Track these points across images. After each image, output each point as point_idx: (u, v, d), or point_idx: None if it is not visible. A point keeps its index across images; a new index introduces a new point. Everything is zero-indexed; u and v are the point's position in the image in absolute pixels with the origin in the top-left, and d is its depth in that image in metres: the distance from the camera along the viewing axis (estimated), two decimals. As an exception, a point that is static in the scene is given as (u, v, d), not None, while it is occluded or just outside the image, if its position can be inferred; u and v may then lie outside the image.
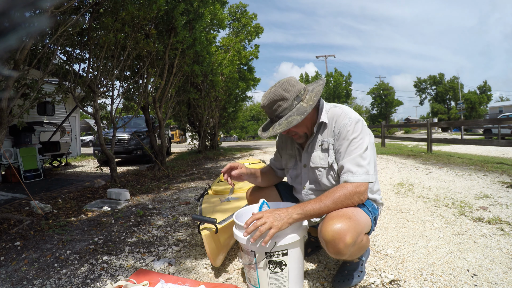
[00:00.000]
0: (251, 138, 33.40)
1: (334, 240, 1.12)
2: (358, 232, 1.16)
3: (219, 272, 1.65)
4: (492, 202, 2.76)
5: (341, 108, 1.38)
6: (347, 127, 1.29)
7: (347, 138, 1.28)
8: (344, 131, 1.29)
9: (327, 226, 1.15)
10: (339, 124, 1.32)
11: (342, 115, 1.33)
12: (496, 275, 1.47)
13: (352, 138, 1.27)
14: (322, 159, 1.37)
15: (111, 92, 5.02)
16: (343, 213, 1.18)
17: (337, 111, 1.37)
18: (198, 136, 11.05)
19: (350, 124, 1.29)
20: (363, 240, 1.23)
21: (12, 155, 5.45)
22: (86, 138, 20.94)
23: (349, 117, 1.32)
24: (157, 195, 3.86)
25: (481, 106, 37.32)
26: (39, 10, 2.58)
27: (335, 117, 1.35)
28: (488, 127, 14.93)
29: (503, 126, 13.23)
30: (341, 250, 1.13)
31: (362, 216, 1.23)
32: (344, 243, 1.11)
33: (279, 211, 1.18)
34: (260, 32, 12.58)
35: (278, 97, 1.29)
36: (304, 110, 1.28)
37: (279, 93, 1.29)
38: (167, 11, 5.06)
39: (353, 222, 1.15)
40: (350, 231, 1.12)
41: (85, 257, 1.93)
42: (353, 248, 1.16)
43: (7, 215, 2.79)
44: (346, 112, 1.35)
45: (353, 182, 1.22)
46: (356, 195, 1.22)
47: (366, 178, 1.23)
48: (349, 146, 1.27)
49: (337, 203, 1.20)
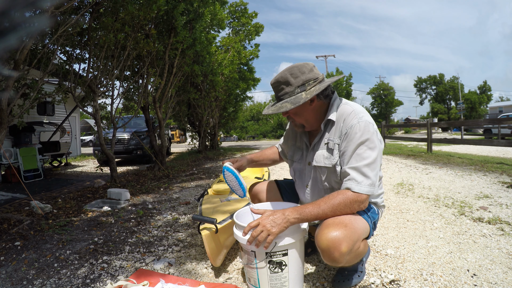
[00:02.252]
0: (251, 138, 33.39)
1: (329, 249, 1.10)
2: (354, 240, 1.14)
3: (219, 272, 1.65)
4: (492, 202, 2.76)
5: (352, 106, 1.30)
6: (355, 129, 1.21)
7: (354, 141, 1.20)
8: (351, 133, 1.22)
9: (322, 235, 1.12)
10: (347, 124, 1.24)
11: (352, 114, 1.25)
12: (496, 275, 1.47)
13: (360, 142, 1.20)
14: (326, 159, 1.31)
15: (111, 92, 5.02)
16: (339, 220, 1.15)
17: (347, 109, 1.29)
18: (198, 136, 11.04)
19: (359, 126, 1.21)
20: (359, 248, 1.20)
21: (12, 155, 5.45)
22: (86, 138, 20.93)
23: (359, 117, 1.23)
24: (157, 195, 3.86)
25: (481, 106, 37.32)
26: (39, 10, 2.58)
27: (344, 115, 1.27)
28: (488, 127, 14.93)
29: (503, 126, 13.22)
30: (336, 259, 1.10)
31: (359, 223, 1.20)
32: (340, 252, 1.09)
33: (275, 215, 1.16)
34: (260, 30, 12.50)
35: (283, 80, 1.28)
36: (299, 100, 1.23)
37: (285, 77, 1.28)
38: (167, 11, 5.06)
39: (349, 230, 1.12)
40: (345, 239, 1.10)
41: (85, 257, 1.93)
42: (349, 256, 1.13)
43: (7, 215, 2.79)
44: (356, 111, 1.26)
45: (355, 192, 1.17)
46: (356, 204, 1.17)
47: (370, 191, 1.18)
48: (356, 151, 1.20)
49: (336, 210, 1.16)
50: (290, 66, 1.30)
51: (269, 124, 35.00)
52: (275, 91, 1.33)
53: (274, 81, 1.32)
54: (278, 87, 1.31)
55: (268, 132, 34.40)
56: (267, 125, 34.99)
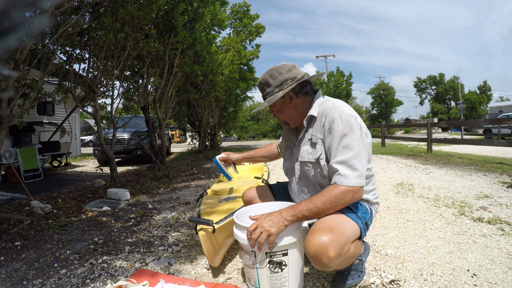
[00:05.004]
0: (251, 138, 33.39)
1: (317, 255, 1.09)
2: (342, 244, 1.12)
3: (219, 272, 1.65)
4: (492, 202, 2.77)
5: (333, 102, 1.32)
6: (337, 123, 1.23)
7: (337, 135, 1.22)
8: (333, 127, 1.23)
9: (309, 241, 1.12)
10: (329, 118, 1.26)
11: (333, 109, 1.27)
12: (496, 275, 1.47)
13: (343, 135, 1.21)
14: (310, 154, 1.34)
15: (111, 92, 5.03)
16: (325, 225, 1.15)
17: (328, 105, 1.31)
18: (198, 136, 11.04)
19: (341, 119, 1.23)
20: (350, 250, 1.18)
21: (12, 155, 5.45)
22: (86, 138, 20.91)
23: (340, 111, 1.25)
24: (157, 195, 3.86)
25: (481, 106, 37.32)
26: (39, 10, 2.58)
27: (326, 111, 1.30)
28: (488, 127, 14.93)
29: (503, 126, 13.23)
30: (325, 264, 1.10)
31: (347, 226, 1.19)
32: (327, 257, 1.08)
33: (272, 216, 1.16)
34: (261, 31, 12.55)
35: (264, 81, 1.40)
36: (275, 98, 1.34)
37: (266, 79, 1.39)
38: (167, 11, 5.06)
39: (335, 234, 1.12)
40: (332, 244, 1.09)
41: (85, 257, 1.93)
42: (338, 260, 1.12)
43: (7, 215, 2.79)
44: (337, 106, 1.28)
45: (345, 186, 1.17)
46: (349, 194, 1.16)
47: (359, 182, 1.17)
48: (340, 144, 1.21)
49: (329, 204, 1.16)
50: (270, 68, 1.40)
51: (269, 124, 35.02)
52: (261, 92, 1.45)
53: (259, 83, 1.44)
54: (261, 88, 1.43)
55: (268, 132, 34.42)
56: (267, 125, 35.01)
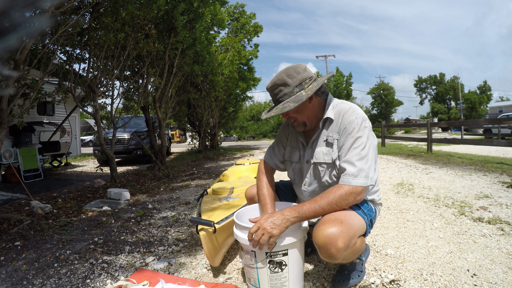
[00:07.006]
0: (251, 138, 33.38)
1: (326, 245, 1.11)
2: (351, 236, 1.15)
3: (219, 272, 1.65)
4: (492, 202, 2.76)
5: (349, 104, 1.37)
6: (354, 124, 1.27)
7: (352, 136, 1.26)
8: (350, 128, 1.28)
9: (319, 231, 1.14)
10: (345, 120, 1.30)
11: (350, 111, 1.32)
12: (496, 275, 1.47)
13: (358, 136, 1.26)
14: (325, 154, 1.34)
15: (111, 92, 5.03)
16: (335, 217, 1.17)
17: (345, 106, 1.35)
18: (198, 136, 11.05)
19: (357, 121, 1.27)
20: (356, 244, 1.21)
21: (12, 155, 5.45)
22: (86, 138, 20.91)
23: (357, 114, 1.30)
24: (157, 195, 3.86)
25: (481, 106, 37.32)
26: (39, 10, 2.58)
27: (342, 112, 1.33)
28: (488, 127, 14.92)
29: (503, 126, 13.22)
30: (333, 255, 1.12)
31: (355, 220, 1.22)
32: (336, 248, 1.11)
33: (274, 216, 1.17)
34: (259, 31, 12.59)
35: (281, 82, 1.31)
36: (300, 98, 1.27)
37: (282, 78, 1.31)
38: (167, 11, 5.06)
39: (345, 226, 1.14)
40: (342, 235, 1.11)
41: (85, 257, 1.93)
42: (345, 252, 1.15)
43: (7, 215, 2.79)
44: (354, 108, 1.34)
45: (352, 185, 1.20)
46: (352, 196, 1.20)
47: (365, 182, 1.21)
48: (353, 145, 1.25)
49: (333, 204, 1.19)
50: (285, 68, 1.34)
51: (269, 124, 35.00)
52: (273, 94, 1.35)
53: (271, 84, 1.34)
54: (275, 89, 1.33)
55: (268, 132, 34.40)
56: (267, 125, 35.00)
